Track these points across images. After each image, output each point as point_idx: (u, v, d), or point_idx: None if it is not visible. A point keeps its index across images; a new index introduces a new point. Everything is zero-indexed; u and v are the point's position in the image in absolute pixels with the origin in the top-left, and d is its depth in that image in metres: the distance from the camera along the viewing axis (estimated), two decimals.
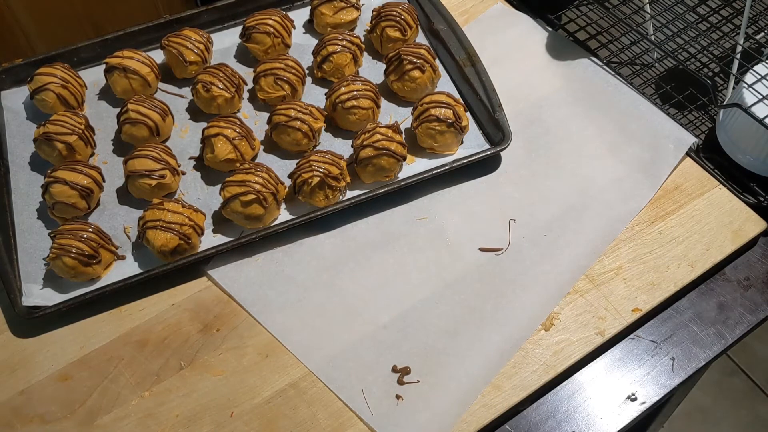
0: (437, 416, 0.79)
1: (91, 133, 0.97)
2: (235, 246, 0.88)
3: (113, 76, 1.00)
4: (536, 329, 0.85)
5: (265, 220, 0.89)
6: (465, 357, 0.82)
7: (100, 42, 1.07)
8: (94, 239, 0.85)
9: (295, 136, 0.94)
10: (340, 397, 0.80)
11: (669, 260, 0.89)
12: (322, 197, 0.89)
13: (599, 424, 0.81)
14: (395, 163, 0.92)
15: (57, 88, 0.98)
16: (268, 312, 0.86)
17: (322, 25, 1.09)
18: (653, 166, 0.96)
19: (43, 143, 0.93)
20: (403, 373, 0.81)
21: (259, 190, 0.87)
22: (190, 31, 1.04)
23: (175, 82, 1.06)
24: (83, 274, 0.85)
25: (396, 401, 0.80)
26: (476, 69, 1.02)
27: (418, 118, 0.95)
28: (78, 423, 0.79)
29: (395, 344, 0.83)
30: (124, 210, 0.94)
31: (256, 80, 1.00)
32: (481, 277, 0.88)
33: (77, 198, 0.89)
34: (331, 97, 0.97)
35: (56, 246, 0.84)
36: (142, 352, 0.84)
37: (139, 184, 0.90)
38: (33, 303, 0.84)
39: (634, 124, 1.00)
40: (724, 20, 1.15)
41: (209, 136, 0.92)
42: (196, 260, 0.87)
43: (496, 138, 0.98)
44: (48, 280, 0.87)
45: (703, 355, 0.85)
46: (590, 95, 1.03)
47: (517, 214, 0.94)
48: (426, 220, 0.93)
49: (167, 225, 0.85)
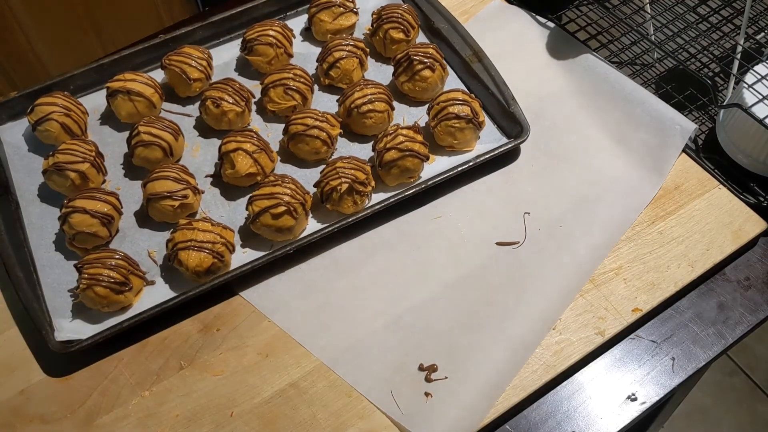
0: (467, 411, 0.79)
1: (101, 160, 0.94)
2: (270, 260, 0.87)
3: (116, 100, 0.98)
4: (558, 320, 0.85)
5: (295, 232, 0.88)
6: (490, 351, 0.83)
7: (96, 67, 1.04)
8: (124, 266, 0.83)
9: (314, 145, 0.93)
10: (369, 399, 0.80)
11: (669, 260, 0.90)
12: (351, 203, 0.89)
13: (599, 424, 0.81)
14: (419, 163, 0.92)
15: (60, 117, 0.95)
16: (291, 320, 0.86)
17: (321, 32, 1.08)
18: (662, 150, 0.97)
19: (54, 174, 0.91)
20: (431, 370, 0.82)
21: (289, 201, 0.85)
22: (191, 49, 1.02)
23: (178, 101, 1.04)
24: (115, 303, 0.83)
25: (425, 399, 0.80)
26: (484, 64, 1.03)
27: (435, 116, 0.95)
28: (78, 423, 0.79)
29: (419, 343, 0.84)
30: (146, 234, 0.91)
31: (264, 92, 0.99)
32: (500, 271, 0.89)
33: (98, 226, 0.87)
34: (345, 102, 0.96)
35: (86, 276, 0.81)
36: (142, 351, 0.84)
37: (161, 206, 0.88)
38: (66, 337, 0.82)
39: (639, 109, 1.01)
40: (725, 20, 1.16)
41: (227, 152, 0.91)
42: (231, 279, 0.86)
43: (512, 131, 0.99)
44: (77, 313, 0.85)
45: (703, 355, 0.85)
46: (593, 85, 1.05)
47: (530, 207, 0.94)
48: (441, 218, 0.93)
49: (200, 245, 0.83)
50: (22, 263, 0.87)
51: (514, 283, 0.88)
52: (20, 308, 0.84)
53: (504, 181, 0.97)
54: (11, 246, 0.88)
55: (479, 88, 1.03)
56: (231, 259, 0.87)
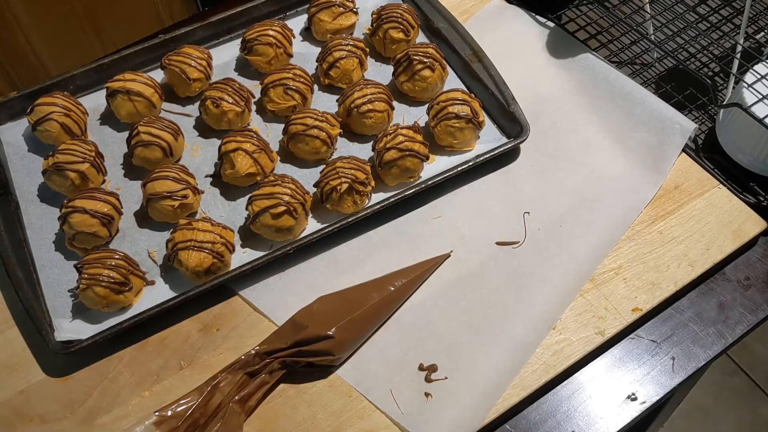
0: (467, 411, 0.79)
1: (101, 160, 0.94)
2: (270, 260, 0.87)
3: (116, 100, 0.98)
4: (558, 320, 0.85)
5: (295, 232, 0.88)
6: (490, 351, 0.83)
7: (95, 67, 1.04)
8: (123, 266, 0.83)
9: (314, 145, 0.93)
10: (369, 399, 0.80)
11: (669, 260, 0.90)
12: (350, 203, 0.89)
13: (599, 423, 0.81)
14: (419, 163, 0.92)
15: (60, 117, 0.95)
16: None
17: (321, 32, 1.08)
18: (662, 149, 0.97)
19: (54, 174, 0.91)
20: (431, 370, 0.82)
21: (289, 201, 0.85)
22: (191, 48, 1.02)
23: (177, 101, 1.04)
24: (115, 303, 0.83)
25: (425, 399, 0.80)
26: (483, 64, 1.03)
27: (435, 116, 0.95)
28: (78, 423, 0.79)
29: (419, 342, 0.84)
30: (145, 234, 0.91)
31: (264, 92, 0.99)
32: (500, 271, 0.89)
33: (98, 226, 0.87)
34: (345, 102, 0.96)
35: (86, 276, 0.81)
36: (141, 351, 0.84)
37: (161, 206, 0.88)
38: (66, 337, 0.82)
39: (638, 109, 1.01)
40: (724, 20, 1.16)
41: (227, 152, 0.91)
42: (231, 278, 0.86)
43: (512, 131, 0.99)
44: (77, 313, 0.85)
45: (703, 354, 0.85)
46: (593, 84, 1.05)
47: (530, 207, 0.94)
48: (441, 218, 0.93)
49: (199, 244, 0.83)
50: (22, 263, 0.87)
51: (514, 283, 0.88)
52: (20, 308, 0.84)
53: (504, 180, 0.97)
54: (11, 246, 0.88)
55: (479, 87, 1.02)
56: (231, 259, 0.87)
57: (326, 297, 0.85)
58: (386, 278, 0.86)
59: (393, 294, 0.85)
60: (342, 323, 0.81)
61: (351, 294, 0.85)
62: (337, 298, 0.85)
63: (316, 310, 0.83)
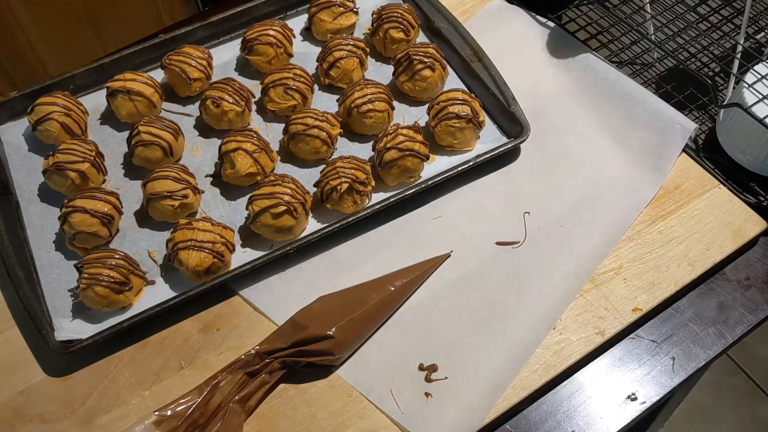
0: (467, 411, 0.79)
1: (101, 160, 0.94)
2: (270, 260, 0.87)
3: (117, 100, 0.98)
4: (558, 319, 0.85)
5: (295, 232, 0.88)
6: (491, 351, 0.83)
7: (96, 67, 1.04)
8: (124, 266, 0.83)
9: (314, 145, 0.93)
10: (369, 399, 0.80)
11: (669, 260, 0.90)
12: (351, 203, 0.89)
13: (599, 423, 0.81)
14: (419, 163, 0.92)
15: (60, 117, 0.95)
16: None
17: (321, 32, 1.08)
18: (662, 149, 0.97)
19: (54, 174, 0.91)
20: (431, 370, 0.82)
21: (289, 201, 0.85)
22: (191, 48, 1.02)
23: (178, 101, 1.04)
24: (116, 302, 0.83)
25: (425, 399, 0.80)
26: (484, 64, 1.03)
27: (436, 116, 0.95)
28: (78, 423, 0.79)
29: (419, 342, 0.84)
30: (146, 234, 0.91)
31: (264, 92, 0.99)
32: (500, 271, 0.89)
33: (98, 226, 0.87)
34: (345, 102, 0.96)
35: (86, 276, 0.81)
36: (141, 351, 0.84)
37: (161, 206, 0.88)
38: (66, 337, 0.82)
39: (639, 109, 1.01)
40: (725, 20, 1.16)
41: (228, 152, 0.91)
42: (231, 278, 0.86)
43: (512, 131, 0.99)
44: (77, 313, 0.85)
45: (703, 354, 0.85)
46: (593, 84, 1.05)
47: (530, 207, 0.94)
48: (441, 218, 0.93)
49: (200, 244, 0.83)
50: (22, 263, 0.87)
51: (514, 282, 0.88)
52: (20, 308, 0.84)
53: (504, 180, 0.97)
54: (11, 246, 0.88)
55: (479, 87, 1.02)
56: (231, 258, 0.87)
57: (326, 297, 0.85)
58: (386, 278, 0.86)
59: (393, 294, 0.85)
60: (342, 323, 0.81)
61: (351, 294, 0.85)
62: (338, 298, 0.85)
63: (317, 310, 0.83)
